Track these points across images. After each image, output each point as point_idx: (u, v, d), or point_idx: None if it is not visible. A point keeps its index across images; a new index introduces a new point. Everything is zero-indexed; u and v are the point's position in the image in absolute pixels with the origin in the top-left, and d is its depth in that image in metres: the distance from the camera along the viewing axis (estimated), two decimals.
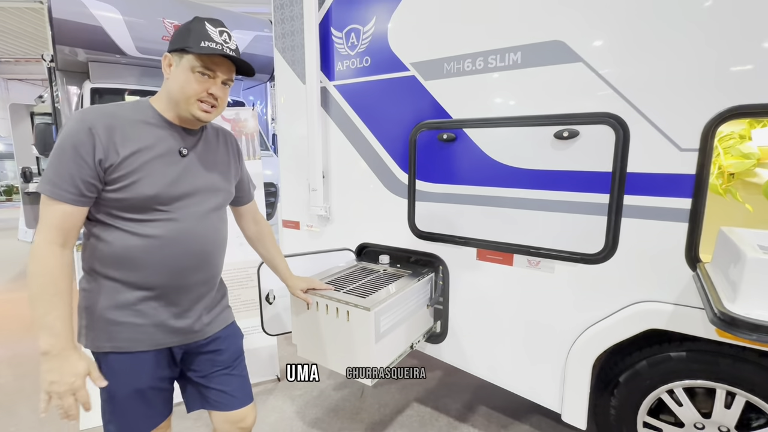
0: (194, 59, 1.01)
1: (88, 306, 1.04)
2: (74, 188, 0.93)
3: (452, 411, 2.20)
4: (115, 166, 0.95)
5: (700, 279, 1.16)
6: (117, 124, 0.97)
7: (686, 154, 1.27)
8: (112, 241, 1.00)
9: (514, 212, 1.61)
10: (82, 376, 0.93)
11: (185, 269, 1.07)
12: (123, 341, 1.04)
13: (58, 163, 0.93)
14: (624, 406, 1.58)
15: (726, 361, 1.36)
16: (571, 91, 1.44)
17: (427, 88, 1.77)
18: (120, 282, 1.02)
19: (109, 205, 0.98)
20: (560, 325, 1.58)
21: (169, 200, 1.02)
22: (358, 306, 1.45)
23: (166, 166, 1.02)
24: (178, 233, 1.04)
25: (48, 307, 0.90)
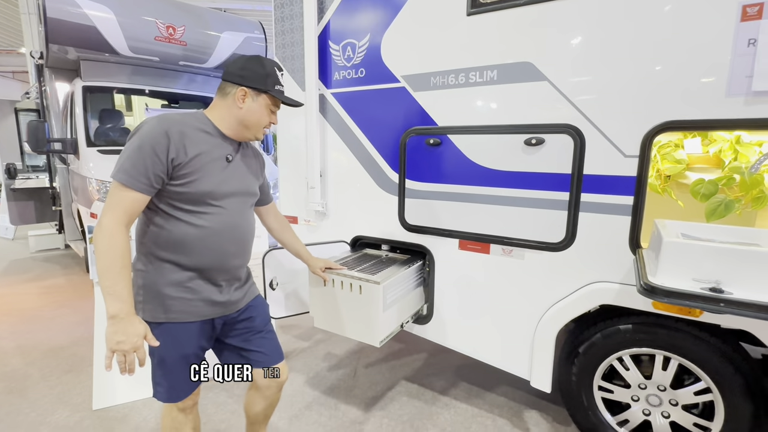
0: (271, 100, 1.30)
1: (145, 284, 1.23)
2: (146, 179, 1.11)
3: (436, 386, 2.45)
4: (182, 165, 1.15)
5: (637, 261, 1.44)
6: (186, 131, 1.18)
7: (629, 159, 1.55)
8: (171, 230, 1.20)
9: (490, 208, 1.87)
10: (142, 337, 1.10)
11: (229, 254, 1.29)
12: (176, 313, 1.24)
13: (136, 158, 1.10)
14: (582, 372, 1.86)
15: (663, 331, 1.65)
16: (538, 105, 1.70)
17: (415, 98, 2.01)
18: (175, 264, 1.22)
19: (171, 197, 1.18)
20: (530, 304, 1.85)
21: (220, 196, 1.24)
22: (369, 281, 1.74)
23: (218, 169, 1.24)
24: (225, 225, 1.26)
25: (117, 278, 1.08)
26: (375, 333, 1.80)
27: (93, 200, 3.72)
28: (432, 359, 2.77)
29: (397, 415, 2.20)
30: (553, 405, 2.25)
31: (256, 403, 1.53)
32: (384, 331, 1.83)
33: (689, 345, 1.61)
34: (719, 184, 1.52)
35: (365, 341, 1.84)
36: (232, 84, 1.27)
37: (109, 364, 1.08)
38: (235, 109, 1.27)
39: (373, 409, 2.25)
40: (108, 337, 1.07)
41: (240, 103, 1.26)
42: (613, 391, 1.82)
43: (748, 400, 1.54)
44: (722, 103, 1.37)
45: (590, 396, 1.86)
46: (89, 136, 4.07)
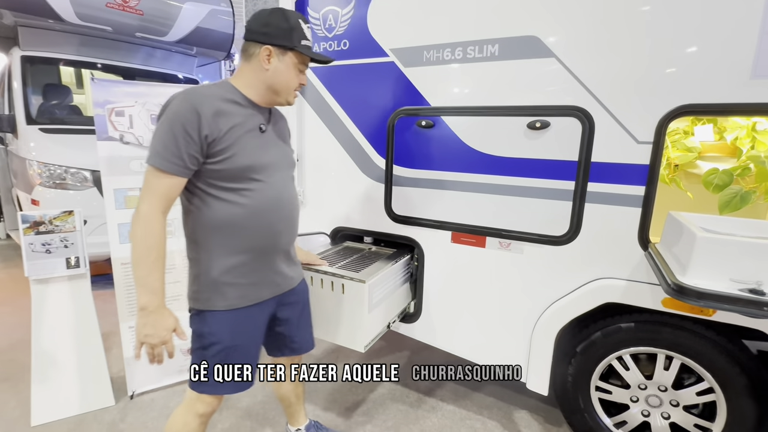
0: (298, 57, 1.18)
1: (198, 273, 1.18)
2: (180, 161, 1.05)
3: (421, 387, 2.30)
4: (217, 141, 1.08)
5: (653, 257, 1.32)
6: (216, 104, 1.09)
7: (642, 146, 1.42)
8: (214, 212, 1.13)
9: (488, 197, 1.71)
10: (171, 330, 1.08)
11: (277, 232, 1.23)
12: (233, 299, 1.19)
13: (168, 139, 1.04)
14: (580, 373, 1.75)
15: (667, 330, 1.56)
16: (544, 84, 1.54)
17: (406, 74, 1.80)
18: (224, 248, 1.16)
19: (209, 176, 1.11)
20: (528, 301, 1.72)
21: (260, 169, 1.16)
22: (354, 279, 1.56)
23: (253, 140, 1.16)
24: (270, 200, 1.19)
25: (151, 269, 1.04)
26: (359, 337, 1.62)
27: (34, 185, 3.30)
28: (415, 357, 2.63)
29: (380, 420, 2.03)
30: (543, 404, 2.16)
31: (282, 385, 1.58)
32: (369, 335, 1.66)
33: (694, 344, 1.53)
34: (734, 174, 1.43)
35: (348, 346, 1.66)
36: (256, 43, 1.16)
37: (138, 355, 1.08)
38: (261, 72, 1.17)
39: (354, 414, 2.07)
40: (137, 328, 1.06)
41: (266, 65, 1.16)
42: (612, 392, 1.73)
43: (752, 400, 1.48)
44: (746, 85, 1.26)
45: (587, 397, 1.77)
46: (29, 113, 3.61)
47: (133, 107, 2.08)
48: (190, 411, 1.27)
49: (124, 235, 2.10)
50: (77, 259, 1.99)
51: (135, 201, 2.12)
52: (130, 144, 2.08)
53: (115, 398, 2.13)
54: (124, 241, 2.10)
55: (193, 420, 1.27)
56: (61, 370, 2.00)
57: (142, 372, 2.18)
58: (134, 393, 2.17)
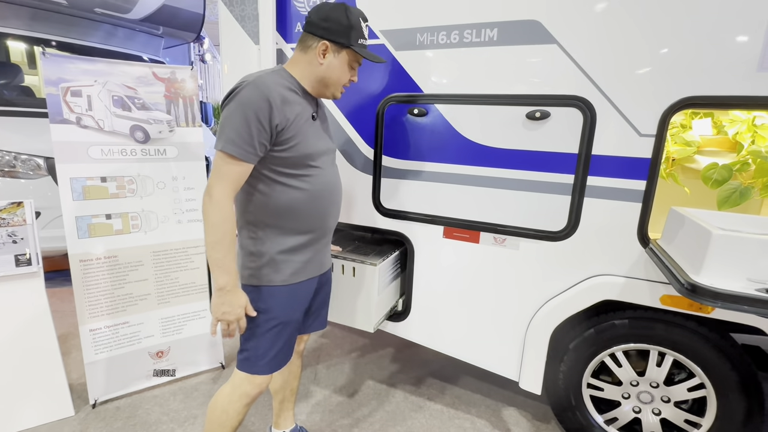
0: (353, 56, 1.23)
1: (255, 251, 1.22)
2: (252, 149, 1.08)
3: (407, 386, 2.23)
4: (285, 129, 1.12)
5: (657, 254, 1.28)
6: (283, 93, 1.12)
7: (645, 139, 1.37)
8: (278, 196, 1.18)
9: (483, 191, 1.63)
10: (244, 308, 1.17)
11: (329, 216, 1.31)
12: (288, 275, 1.25)
13: (241, 127, 1.06)
14: (571, 370, 1.72)
15: (660, 326, 1.54)
16: (545, 72, 1.47)
17: (397, 58, 1.69)
18: (284, 229, 1.22)
19: (274, 163, 1.15)
20: (522, 299, 1.66)
21: (317, 156, 1.22)
22: (365, 262, 1.67)
23: (311, 127, 1.21)
24: (325, 185, 1.25)
25: (226, 251, 1.10)
26: (369, 318, 1.73)
27: None
28: (399, 355, 2.55)
29: (367, 423, 1.95)
30: (531, 401, 2.13)
31: (278, 376, 1.56)
32: (377, 316, 1.77)
33: (687, 340, 1.52)
34: (733, 170, 1.41)
35: (358, 327, 1.77)
36: (314, 36, 1.19)
37: (214, 331, 1.17)
38: (315, 65, 1.21)
39: (338, 416, 1.98)
40: (215, 307, 1.13)
41: (321, 59, 1.20)
42: (603, 389, 1.71)
43: (743, 396, 1.48)
44: (753, 78, 1.22)
45: (578, 394, 1.74)
46: None
47: (92, 87, 1.87)
48: (237, 391, 1.29)
49: (83, 229, 1.89)
50: (28, 256, 1.78)
51: (95, 192, 1.93)
52: (89, 128, 1.87)
53: (75, 408, 1.94)
54: (83, 235, 1.89)
55: (240, 400, 1.29)
56: (11, 378, 1.79)
57: (105, 377, 1.99)
58: (97, 401, 1.99)
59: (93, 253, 1.92)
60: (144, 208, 2.03)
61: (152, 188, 2.04)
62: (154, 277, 2.08)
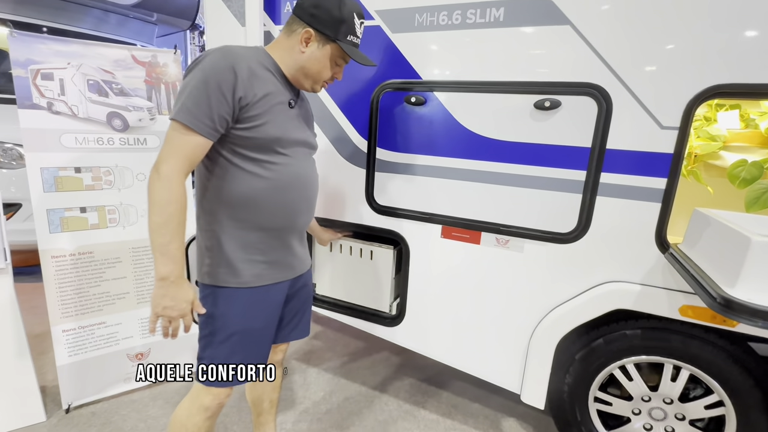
0: (338, 51, 1.11)
1: (211, 246, 1.10)
2: (211, 121, 0.96)
3: (401, 393, 2.11)
4: (250, 105, 1.00)
5: (678, 261, 1.14)
6: (254, 67, 1.01)
7: (666, 132, 1.23)
8: (236, 183, 1.05)
9: (485, 187, 1.49)
10: (190, 303, 1.01)
11: (298, 212, 1.17)
12: (247, 277, 1.11)
13: (199, 96, 0.95)
14: (577, 382, 1.59)
15: (677, 338, 1.41)
16: (556, 57, 1.33)
17: (394, 41, 1.55)
18: (242, 222, 1.08)
19: (235, 143, 1.03)
20: (526, 305, 1.53)
21: (287, 144, 1.09)
22: (382, 246, 1.74)
23: (284, 112, 1.09)
24: (294, 177, 1.12)
25: (172, 236, 0.95)
26: (385, 298, 1.79)
27: None
28: (394, 359, 2.43)
29: None
30: (532, 411, 2.00)
31: (256, 386, 1.45)
32: (392, 296, 1.82)
33: (706, 354, 1.38)
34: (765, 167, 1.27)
35: (375, 307, 1.84)
36: (300, 21, 1.09)
37: (153, 329, 1.01)
38: (296, 52, 1.10)
39: (326, 425, 1.85)
40: (155, 300, 0.99)
41: (303, 47, 1.09)
42: (612, 404, 1.58)
43: (765, 415, 1.35)
44: None
45: (584, 409, 1.61)
46: None
47: (64, 70, 1.73)
48: (195, 403, 1.17)
49: (55, 223, 1.76)
50: None
51: (69, 183, 1.80)
52: (62, 115, 1.74)
53: (47, 413, 1.82)
54: (55, 230, 1.76)
55: (198, 414, 1.16)
56: None
57: (79, 381, 1.87)
58: (70, 406, 1.87)
59: (66, 248, 1.79)
60: (122, 202, 1.89)
61: (131, 180, 1.91)
62: (133, 274, 1.95)
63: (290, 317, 1.33)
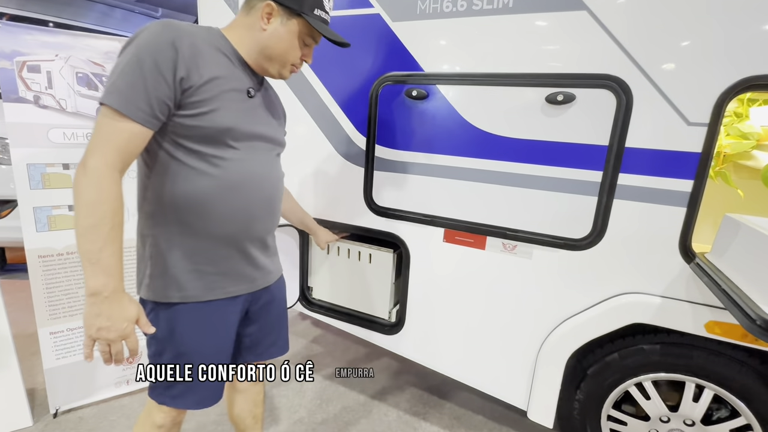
0: (305, 28, 0.98)
1: (152, 254, 0.96)
2: (147, 106, 0.82)
3: (401, 404, 2.01)
4: (195, 89, 0.86)
5: (706, 272, 1.02)
6: (199, 45, 0.88)
7: (694, 128, 1.11)
8: (179, 180, 0.91)
9: (491, 188, 1.38)
10: (132, 321, 0.85)
11: (255, 217, 1.02)
12: (194, 290, 0.97)
13: (133, 75, 0.81)
14: (589, 399, 1.48)
15: (700, 355, 1.29)
16: (571, 46, 1.21)
17: (394, 31, 1.44)
18: (190, 228, 0.94)
19: (178, 134, 0.89)
20: (534, 316, 1.42)
21: (241, 137, 0.95)
22: (381, 249, 1.64)
23: (240, 101, 0.95)
24: (249, 175, 0.98)
25: (105, 241, 0.80)
26: (384, 304, 1.70)
27: None
28: (395, 366, 2.32)
29: None
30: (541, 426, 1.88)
31: (236, 403, 1.29)
32: (392, 303, 1.73)
33: (733, 373, 1.26)
34: None
35: (373, 313, 1.74)
36: None
37: (90, 354, 0.84)
38: (256, 30, 0.96)
39: None
40: (87, 320, 0.81)
41: (264, 23, 0.95)
42: (627, 423, 1.46)
43: None
44: None
45: (597, 428, 1.50)
46: None
47: (52, 62, 1.66)
48: (148, 420, 1.08)
49: (42, 221, 1.70)
50: None
51: (57, 180, 1.73)
52: (49, 108, 1.67)
53: (34, 417, 1.76)
54: (42, 228, 1.70)
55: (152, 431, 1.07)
56: None
57: (68, 385, 1.81)
58: (58, 410, 1.80)
59: (54, 248, 1.73)
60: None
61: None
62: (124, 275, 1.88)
63: (264, 334, 1.20)
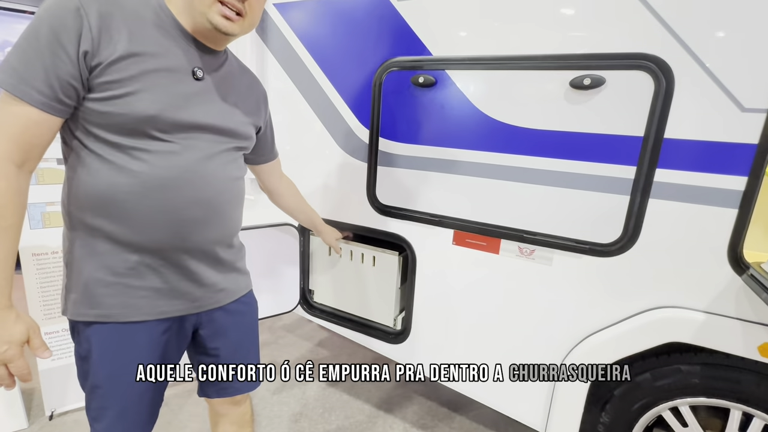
0: None
1: (68, 261, 0.83)
2: (47, 87, 0.69)
3: (408, 415, 1.89)
4: (105, 66, 0.71)
5: (764, 285, 0.86)
6: (116, 13, 0.72)
7: (749, 116, 0.94)
8: (93, 177, 0.76)
9: (506, 186, 1.24)
10: (18, 344, 0.72)
11: (191, 222, 0.84)
12: (111, 308, 0.82)
13: (28, 49, 0.68)
14: (616, 423, 1.31)
15: (750, 379, 1.11)
16: (599, 22, 1.05)
17: (399, 11, 1.31)
18: (107, 234, 0.79)
19: (89, 120, 0.74)
20: (554, 329, 1.26)
21: (171, 127, 0.78)
22: (386, 252, 1.52)
23: (173, 84, 0.78)
24: (182, 174, 0.80)
25: None
26: (389, 310, 1.58)
27: None
28: None
29: None
30: None
31: (219, 427, 1.14)
32: (397, 309, 1.60)
33: None
34: None
35: (377, 320, 1.63)
36: None
37: None
38: None
39: None
40: None
41: None
42: None
43: None
44: None
45: None
46: None
47: None
48: None
49: (36, 218, 1.64)
50: None
51: (50, 176, 1.66)
52: None
53: (29, 419, 1.72)
54: (36, 226, 1.64)
55: None
56: None
57: (64, 386, 1.76)
58: (54, 412, 1.76)
59: (48, 246, 1.67)
60: None
61: None
62: None
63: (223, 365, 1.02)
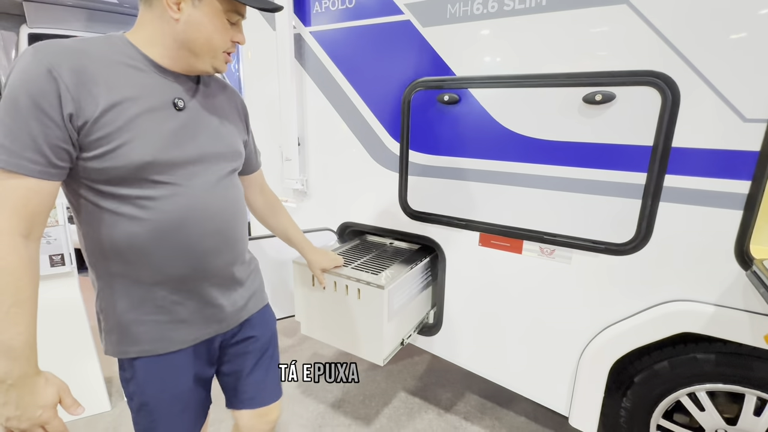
0: (224, 2, 0.78)
1: (104, 308, 0.86)
2: (39, 155, 0.68)
3: (442, 401, 2.04)
4: (91, 123, 0.71)
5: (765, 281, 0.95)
6: (88, 65, 0.71)
7: (751, 126, 1.03)
8: (108, 230, 0.78)
9: (528, 192, 1.36)
10: (51, 407, 0.72)
11: (206, 254, 0.87)
12: (150, 343, 0.87)
13: (10, 122, 0.67)
14: (637, 408, 1.42)
15: (763, 366, 1.20)
16: (610, 43, 1.15)
17: (425, 36, 1.44)
18: (131, 278, 0.83)
19: (90, 178, 0.75)
20: (574, 322, 1.38)
21: (168, 168, 0.79)
22: (371, 284, 1.37)
23: (160, 124, 0.78)
24: (188, 210, 0.82)
25: (5, 322, 0.67)
26: (377, 348, 1.43)
27: None
28: (437, 364, 2.35)
29: None
30: None
31: None
32: (389, 346, 1.46)
33: None
34: None
35: (365, 357, 1.47)
36: None
37: None
38: (167, 24, 0.77)
39: (361, 429, 1.84)
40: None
41: (173, 13, 0.76)
42: None
43: None
44: None
45: None
46: None
47: None
48: None
49: None
50: (61, 256, 1.81)
51: None
52: None
53: (111, 403, 1.98)
54: None
55: None
56: None
57: None
58: None
59: None
60: None
61: None
62: None
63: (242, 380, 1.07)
